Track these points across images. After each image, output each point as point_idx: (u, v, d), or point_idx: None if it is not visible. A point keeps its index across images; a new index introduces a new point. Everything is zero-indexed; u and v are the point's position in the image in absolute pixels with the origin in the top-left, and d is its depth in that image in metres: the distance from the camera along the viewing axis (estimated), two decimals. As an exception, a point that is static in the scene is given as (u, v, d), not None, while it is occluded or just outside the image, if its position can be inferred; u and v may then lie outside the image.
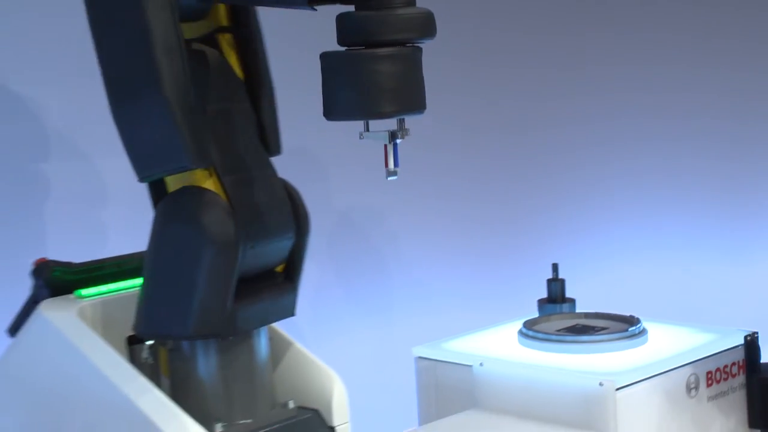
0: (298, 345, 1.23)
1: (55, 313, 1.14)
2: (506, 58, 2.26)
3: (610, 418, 1.14)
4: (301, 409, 1.19)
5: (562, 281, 1.50)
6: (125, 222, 1.37)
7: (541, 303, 1.50)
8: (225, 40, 1.18)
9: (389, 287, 2.08)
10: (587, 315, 1.45)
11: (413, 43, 1.09)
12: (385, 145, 1.15)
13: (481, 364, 1.29)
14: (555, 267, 1.49)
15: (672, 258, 2.53)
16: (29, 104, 1.45)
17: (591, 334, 1.35)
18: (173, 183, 1.07)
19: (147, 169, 1.05)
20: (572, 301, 1.50)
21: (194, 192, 1.05)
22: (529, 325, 1.38)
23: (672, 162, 2.56)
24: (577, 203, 2.30)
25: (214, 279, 1.03)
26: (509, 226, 2.29)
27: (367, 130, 1.15)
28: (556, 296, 1.48)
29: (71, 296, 1.18)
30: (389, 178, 1.18)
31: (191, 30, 1.10)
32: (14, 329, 1.20)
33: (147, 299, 1.08)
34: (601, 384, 1.15)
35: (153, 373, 1.15)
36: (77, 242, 1.36)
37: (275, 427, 1.13)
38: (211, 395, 1.12)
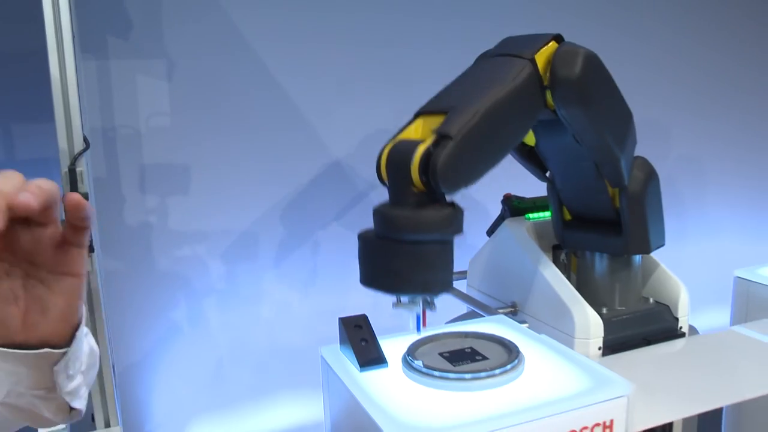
0: (659, 262, 1.70)
1: (513, 227, 1.79)
2: None
3: None
4: (657, 303, 1.68)
5: None
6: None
7: None
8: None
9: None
10: None
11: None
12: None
13: (785, 288, 1.70)
14: None
15: None
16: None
17: None
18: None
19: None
20: None
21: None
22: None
23: None
24: None
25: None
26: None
27: (399, 302, 1.28)
28: None
29: (522, 218, 1.82)
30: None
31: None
32: (490, 233, 1.92)
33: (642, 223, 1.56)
34: None
35: (566, 270, 1.75)
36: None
37: (641, 313, 1.62)
38: (601, 289, 1.66)
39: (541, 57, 1.33)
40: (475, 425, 1.06)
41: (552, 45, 1.35)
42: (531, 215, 1.83)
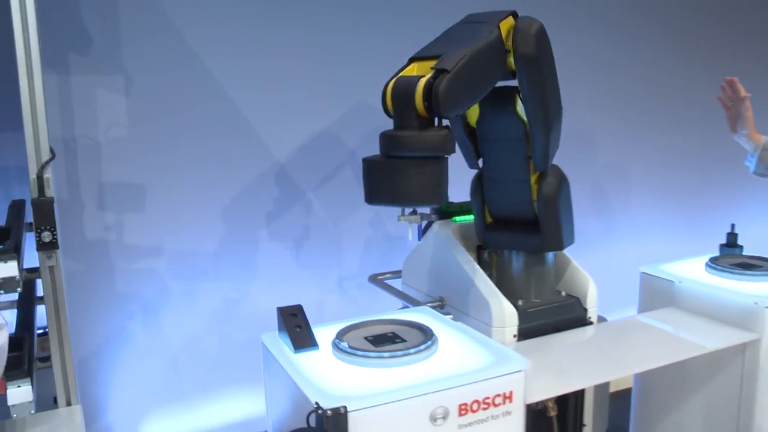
0: (571, 258, 1.89)
1: (440, 228, 1.97)
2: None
3: (758, 324, 1.73)
4: (568, 296, 1.86)
5: (736, 234, 2.15)
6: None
7: (722, 246, 2.16)
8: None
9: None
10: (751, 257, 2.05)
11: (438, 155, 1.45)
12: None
13: (680, 282, 1.93)
14: (732, 226, 2.13)
15: None
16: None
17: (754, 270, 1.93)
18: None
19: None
20: (741, 247, 2.13)
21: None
22: (713, 260, 2.02)
23: None
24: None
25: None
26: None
27: (403, 213, 1.64)
28: (731, 243, 2.13)
29: (450, 220, 2.00)
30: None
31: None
32: (421, 235, 2.10)
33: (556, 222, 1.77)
34: (756, 303, 1.74)
35: (488, 267, 1.93)
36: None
37: (553, 305, 1.81)
38: (518, 283, 1.84)
39: (503, 26, 1.63)
40: (390, 394, 1.24)
41: (510, 19, 1.66)
42: (458, 218, 2.01)
